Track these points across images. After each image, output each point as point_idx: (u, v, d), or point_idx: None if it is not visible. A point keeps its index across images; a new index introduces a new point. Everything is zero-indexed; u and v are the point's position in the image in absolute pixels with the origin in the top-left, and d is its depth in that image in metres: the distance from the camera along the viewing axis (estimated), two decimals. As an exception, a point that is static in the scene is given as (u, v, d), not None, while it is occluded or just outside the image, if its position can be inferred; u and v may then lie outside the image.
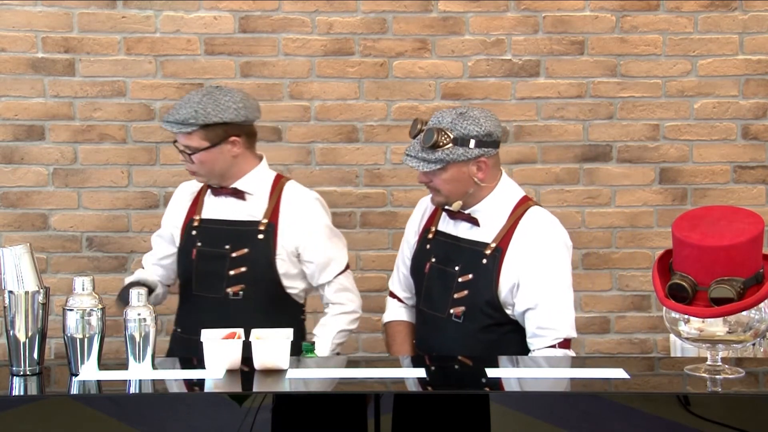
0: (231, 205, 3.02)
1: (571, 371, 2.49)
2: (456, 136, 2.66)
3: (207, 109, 2.89)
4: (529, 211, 2.76)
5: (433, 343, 2.81)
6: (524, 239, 2.71)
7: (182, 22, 3.88)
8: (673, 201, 4.00)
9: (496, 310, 2.71)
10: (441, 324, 2.77)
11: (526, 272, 2.68)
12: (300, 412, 2.17)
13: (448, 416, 2.16)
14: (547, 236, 2.73)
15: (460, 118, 2.68)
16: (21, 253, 2.27)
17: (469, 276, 2.73)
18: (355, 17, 3.91)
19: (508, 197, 2.79)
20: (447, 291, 2.76)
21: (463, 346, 2.72)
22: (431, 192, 2.80)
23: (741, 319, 2.22)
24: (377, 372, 2.38)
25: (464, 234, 2.79)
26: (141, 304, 2.26)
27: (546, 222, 2.76)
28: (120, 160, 3.91)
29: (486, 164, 2.72)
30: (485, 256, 2.72)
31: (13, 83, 3.85)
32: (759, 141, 3.99)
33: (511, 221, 2.74)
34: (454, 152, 2.67)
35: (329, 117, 3.94)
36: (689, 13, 3.94)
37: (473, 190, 2.74)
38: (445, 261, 2.79)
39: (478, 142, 2.67)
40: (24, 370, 2.26)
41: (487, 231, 2.75)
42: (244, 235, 2.98)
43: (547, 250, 2.71)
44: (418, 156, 2.70)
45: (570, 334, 2.70)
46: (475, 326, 2.72)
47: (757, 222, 2.23)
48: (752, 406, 2.17)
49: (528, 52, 3.94)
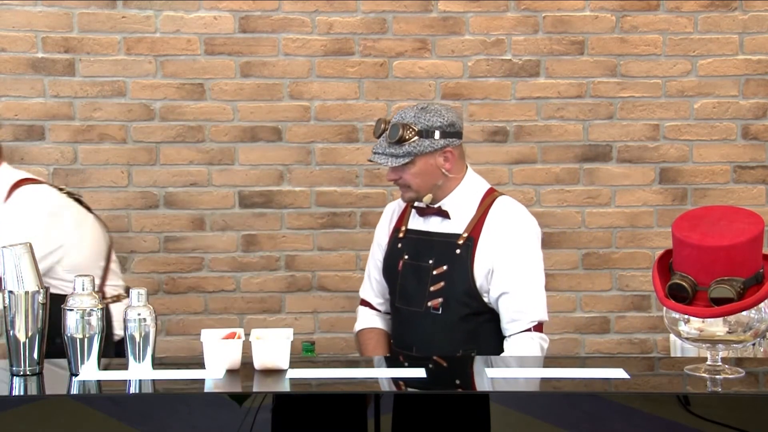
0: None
1: (571, 371, 2.49)
2: (421, 128, 2.73)
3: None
4: (498, 200, 2.82)
5: (411, 338, 2.83)
6: (495, 227, 2.77)
7: (182, 22, 3.88)
8: (673, 201, 4.00)
9: (473, 298, 2.75)
10: (419, 318, 2.80)
11: (499, 258, 2.73)
12: (300, 412, 2.17)
13: (448, 416, 2.16)
14: (517, 223, 2.80)
15: (422, 112, 2.75)
16: (21, 253, 2.26)
17: (444, 267, 2.77)
18: (355, 17, 3.91)
19: (475, 189, 2.85)
20: (422, 285, 2.79)
21: (441, 338, 2.76)
22: (401, 189, 2.85)
23: (741, 319, 2.22)
24: (377, 372, 2.38)
25: (435, 228, 2.84)
26: (141, 304, 2.26)
27: (515, 209, 2.83)
28: (120, 160, 3.91)
29: (452, 154, 2.78)
30: (458, 246, 2.77)
31: (13, 83, 3.85)
32: (759, 141, 3.99)
33: (480, 211, 2.80)
34: (420, 144, 2.73)
35: (329, 117, 3.94)
36: (689, 13, 3.94)
37: (442, 182, 2.80)
38: (418, 256, 2.83)
39: (442, 132, 2.75)
40: (24, 370, 2.26)
41: (457, 222, 2.80)
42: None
43: (518, 236, 2.77)
44: (386, 152, 2.75)
45: (543, 317, 2.76)
46: (453, 317, 2.76)
47: (757, 222, 2.23)
48: (752, 406, 2.17)
49: (528, 52, 3.95)
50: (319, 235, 3.98)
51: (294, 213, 3.96)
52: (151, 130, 3.90)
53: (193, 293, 3.98)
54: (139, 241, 3.92)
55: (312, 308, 4.01)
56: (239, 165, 3.94)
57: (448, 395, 2.25)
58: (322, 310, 4.01)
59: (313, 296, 4.00)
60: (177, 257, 3.96)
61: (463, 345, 2.75)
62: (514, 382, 2.38)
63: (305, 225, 3.97)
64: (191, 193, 3.94)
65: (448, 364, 2.58)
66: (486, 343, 2.75)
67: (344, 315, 3.99)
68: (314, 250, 3.98)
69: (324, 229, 3.98)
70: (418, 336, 2.81)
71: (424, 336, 2.79)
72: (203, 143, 3.93)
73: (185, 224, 3.95)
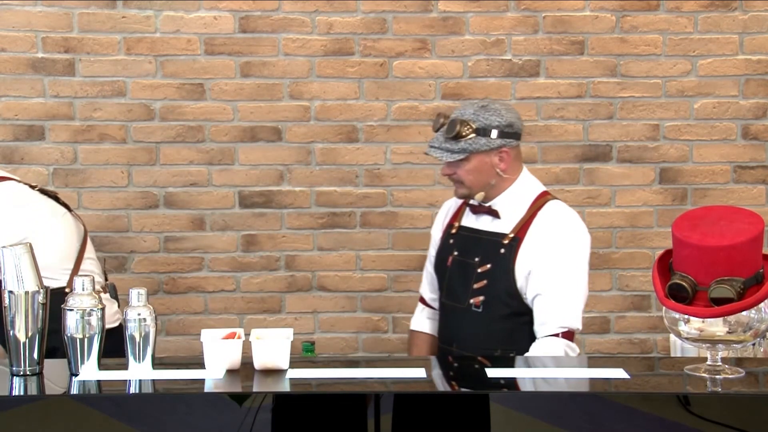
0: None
1: (571, 371, 2.49)
2: (478, 126, 2.74)
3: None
4: (549, 204, 2.83)
5: (453, 335, 2.87)
6: (541, 229, 2.77)
7: (182, 22, 3.88)
8: (673, 201, 4.00)
9: (513, 298, 2.76)
10: (461, 314, 2.82)
11: (539, 260, 2.73)
12: (300, 412, 2.17)
13: (448, 416, 2.16)
14: (564, 227, 2.79)
15: (482, 110, 2.77)
16: (21, 253, 2.26)
17: (488, 266, 2.78)
18: (355, 17, 3.91)
19: (528, 190, 2.85)
20: (467, 282, 2.81)
21: (482, 336, 2.78)
22: (455, 184, 2.86)
23: (741, 319, 2.22)
24: (377, 372, 2.38)
25: (485, 226, 2.85)
26: (141, 304, 2.26)
27: (565, 214, 2.83)
28: (120, 160, 3.91)
29: (508, 155, 2.79)
30: (503, 245, 2.78)
31: (13, 83, 3.85)
32: (759, 141, 3.99)
33: (530, 213, 2.80)
34: (476, 142, 2.74)
35: (329, 117, 3.94)
36: (689, 13, 3.94)
37: (495, 181, 2.80)
38: (466, 253, 2.85)
39: (500, 132, 2.75)
40: (24, 370, 2.26)
41: (506, 222, 2.81)
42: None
43: (562, 241, 2.77)
44: (442, 147, 2.77)
45: (574, 325, 2.73)
46: (494, 315, 2.77)
47: (757, 222, 2.23)
48: (752, 406, 2.17)
49: (528, 52, 3.95)
50: (319, 235, 3.98)
51: (294, 213, 3.96)
52: (151, 130, 3.90)
53: (193, 293, 3.98)
54: (139, 241, 3.92)
55: (312, 308, 4.01)
56: (239, 165, 3.94)
57: (448, 395, 2.25)
58: (322, 310, 4.01)
59: (313, 296, 4.00)
60: (177, 257, 3.96)
61: (501, 344, 2.76)
62: (514, 382, 2.38)
63: (305, 225, 3.97)
64: (191, 193, 3.94)
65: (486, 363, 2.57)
66: (525, 345, 2.74)
67: (344, 315, 3.99)
68: (314, 250, 3.98)
69: (324, 229, 3.98)
70: (460, 332, 2.84)
71: (464, 333, 2.82)
72: (203, 143, 3.93)
73: (185, 224, 3.95)
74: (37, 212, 3.02)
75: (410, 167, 3.97)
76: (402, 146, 3.96)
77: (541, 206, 2.81)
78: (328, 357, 3.70)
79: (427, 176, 3.97)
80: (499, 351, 2.75)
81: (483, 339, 2.77)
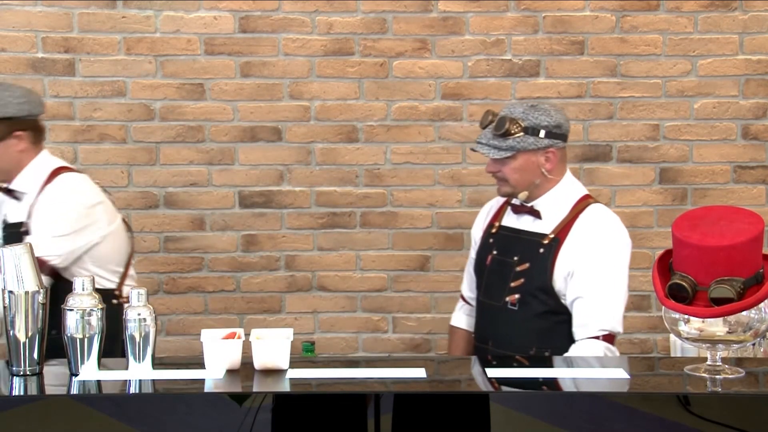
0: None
1: (571, 371, 2.49)
2: (527, 125, 2.75)
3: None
4: (591, 207, 2.84)
5: (489, 332, 2.87)
6: (583, 231, 2.77)
7: (182, 22, 3.88)
8: (673, 201, 4.00)
9: (550, 297, 2.76)
10: (497, 312, 2.83)
11: (580, 262, 2.73)
12: (300, 412, 2.17)
13: (448, 416, 2.16)
14: (607, 231, 2.80)
15: (531, 110, 2.78)
16: (21, 253, 2.26)
17: (526, 265, 2.79)
18: (355, 17, 3.91)
19: (570, 192, 2.86)
20: (504, 280, 2.82)
21: (517, 334, 2.78)
22: (498, 182, 2.86)
23: (741, 319, 2.22)
24: (377, 372, 2.37)
25: (526, 226, 2.86)
26: (141, 304, 2.26)
27: (607, 218, 2.84)
28: (120, 160, 3.91)
29: (554, 155, 2.80)
30: (542, 245, 2.78)
31: (13, 83, 3.84)
32: (759, 141, 3.99)
33: (571, 215, 2.81)
34: (524, 141, 2.75)
35: (329, 117, 3.94)
36: (689, 13, 3.94)
37: (539, 181, 2.81)
38: (505, 252, 2.86)
39: (548, 132, 2.76)
40: (24, 370, 2.26)
41: (547, 223, 2.82)
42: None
43: (604, 244, 2.77)
44: (490, 143, 2.78)
45: (615, 329, 2.74)
46: (529, 313, 2.77)
47: (757, 222, 2.23)
48: (752, 406, 2.17)
49: (528, 52, 3.95)
50: (319, 235, 3.98)
51: (294, 213, 3.96)
52: (151, 130, 3.90)
53: (193, 293, 3.98)
54: (139, 241, 3.92)
55: (312, 308, 4.01)
56: (239, 165, 3.94)
57: (448, 395, 2.25)
58: (322, 310, 4.01)
59: (313, 296, 4.00)
60: (177, 257, 3.96)
61: (536, 343, 2.76)
62: (514, 382, 2.38)
63: (305, 225, 3.97)
64: (191, 193, 3.94)
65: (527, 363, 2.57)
66: (560, 344, 2.74)
67: (344, 315, 4.00)
68: (314, 250, 3.98)
69: (324, 229, 3.98)
70: (496, 330, 2.84)
71: (500, 331, 2.82)
72: (203, 143, 3.93)
73: (185, 224, 3.95)
74: (110, 210, 3.07)
75: (410, 167, 3.97)
76: (402, 146, 3.96)
77: (583, 209, 2.82)
78: (328, 357, 3.70)
79: (427, 176, 3.97)
80: (533, 349, 2.76)
81: (518, 337, 2.78)
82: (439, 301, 4.00)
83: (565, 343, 2.75)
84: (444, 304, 4.00)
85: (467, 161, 3.97)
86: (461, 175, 3.97)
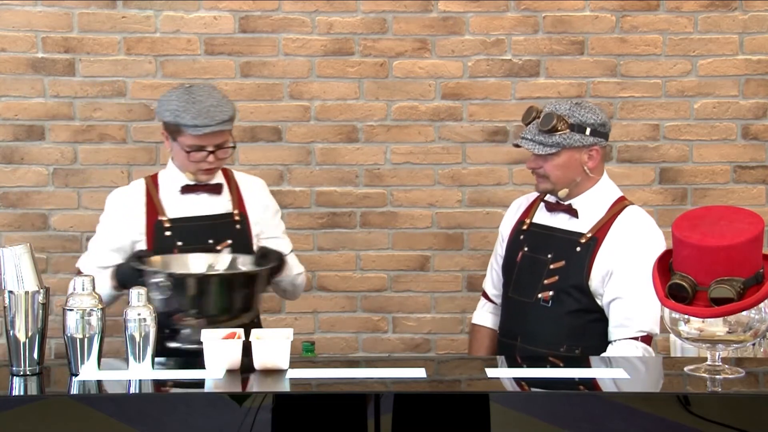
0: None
1: (571, 371, 2.49)
2: (573, 122, 2.74)
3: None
4: (629, 208, 2.83)
5: (518, 329, 2.85)
6: (622, 232, 2.77)
7: (182, 22, 3.88)
8: (673, 201, 4.00)
9: (584, 295, 2.75)
10: (528, 309, 2.81)
11: (619, 262, 2.73)
12: (300, 412, 2.17)
13: (448, 416, 2.16)
14: (645, 232, 2.80)
15: (576, 107, 2.77)
16: (21, 253, 2.27)
17: (561, 263, 2.78)
18: (355, 17, 3.91)
19: (607, 193, 2.86)
20: (537, 277, 2.81)
21: (547, 331, 2.77)
22: (538, 179, 2.84)
23: (741, 319, 2.22)
24: (377, 372, 2.38)
25: (560, 224, 2.84)
26: (141, 304, 2.26)
27: (645, 219, 2.84)
28: (120, 160, 3.91)
29: (598, 153, 2.80)
30: (579, 244, 2.78)
31: (13, 83, 3.85)
32: (759, 141, 3.99)
33: (609, 215, 2.81)
34: (570, 137, 2.74)
35: (329, 117, 3.94)
36: (689, 13, 3.94)
37: (580, 179, 2.81)
38: (538, 249, 2.84)
39: (593, 130, 2.76)
40: (24, 370, 2.26)
41: (584, 222, 2.81)
42: None
43: (643, 245, 2.76)
44: (535, 139, 2.76)
45: (653, 330, 2.74)
46: (562, 310, 2.76)
47: (757, 222, 2.23)
48: (752, 406, 2.17)
49: (528, 52, 3.94)
50: (319, 235, 3.98)
51: (294, 213, 3.96)
52: (151, 130, 3.90)
53: (193, 293, 3.97)
54: (139, 241, 3.92)
55: (312, 308, 4.01)
56: (239, 165, 3.93)
57: (448, 395, 2.25)
58: (322, 310, 4.01)
59: (313, 296, 4.00)
60: (177, 257, 3.95)
61: (567, 340, 2.76)
62: (514, 382, 2.38)
63: (305, 225, 3.97)
64: (191, 193, 3.94)
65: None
66: (591, 342, 2.74)
67: (344, 315, 3.99)
68: (314, 250, 3.98)
69: (324, 229, 3.98)
70: (525, 327, 2.82)
71: (530, 327, 2.81)
72: (203, 143, 3.92)
73: (185, 224, 3.95)
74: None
75: (410, 167, 3.97)
76: (402, 146, 3.96)
77: (620, 210, 2.81)
78: (328, 357, 3.70)
79: (427, 176, 3.97)
80: (564, 347, 2.75)
81: (549, 334, 2.76)
82: (439, 301, 4.00)
83: (596, 341, 2.75)
84: (444, 304, 4.00)
85: (467, 161, 3.97)
86: (461, 175, 3.97)
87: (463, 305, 3.92)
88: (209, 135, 2.93)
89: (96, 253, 3.05)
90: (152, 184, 3.09)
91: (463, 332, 3.89)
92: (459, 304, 3.97)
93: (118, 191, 3.14)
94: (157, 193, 3.07)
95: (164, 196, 3.06)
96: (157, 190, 3.07)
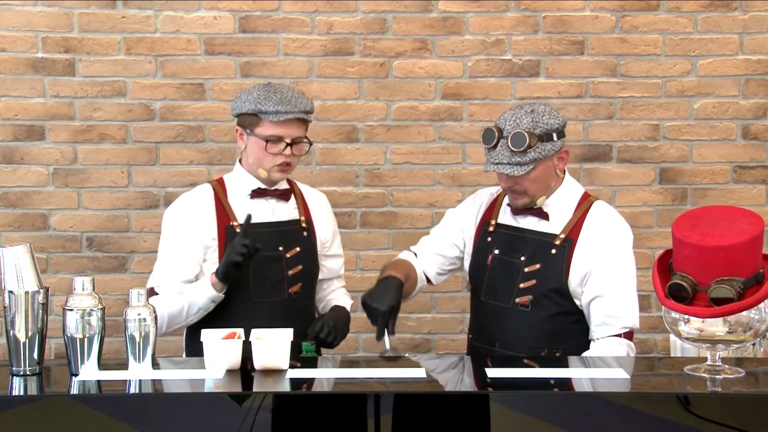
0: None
1: (571, 371, 2.49)
2: (541, 132, 2.69)
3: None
4: (596, 205, 2.83)
5: (495, 333, 2.83)
6: (594, 231, 2.77)
7: (182, 22, 3.88)
8: (673, 201, 4.00)
9: (563, 297, 2.75)
10: (505, 313, 2.79)
11: (597, 262, 2.72)
12: (300, 412, 2.17)
13: (448, 416, 2.16)
14: (616, 228, 2.81)
15: (535, 115, 2.70)
16: (21, 253, 2.27)
17: (537, 266, 2.76)
18: (355, 17, 3.91)
19: (573, 191, 2.85)
20: (512, 281, 2.79)
21: (527, 335, 2.76)
22: (513, 195, 2.78)
23: (741, 319, 2.22)
24: (377, 372, 2.38)
25: (530, 226, 2.82)
26: (141, 304, 2.26)
27: (613, 215, 2.85)
28: (120, 160, 3.91)
29: (567, 153, 2.81)
30: (554, 246, 2.76)
31: (13, 83, 3.85)
32: (759, 141, 3.99)
33: (578, 214, 2.80)
34: (543, 149, 2.69)
35: (329, 117, 3.94)
36: (689, 13, 3.94)
37: (554, 183, 2.80)
38: (509, 252, 2.82)
39: (558, 133, 2.74)
40: (24, 370, 2.26)
41: (554, 223, 2.80)
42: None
43: (616, 242, 2.78)
44: (512, 162, 2.67)
45: (635, 325, 2.75)
46: (542, 314, 2.75)
47: (757, 222, 2.23)
48: (752, 406, 2.17)
49: (528, 52, 3.95)
50: (319, 235, 3.97)
51: (294, 213, 3.95)
52: (151, 130, 3.90)
53: (193, 293, 3.97)
54: (139, 241, 3.92)
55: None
56: (239, 165, 3.93)
57: (448, 395, 2.25)
58: (322, 310, 4.00)
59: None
60: (177, 257, 3.95)
61: (548, 344, 2.75)
62: (514, 382, 2.38)
63: (305, 225, 3.97)
64: (191, 193, 3.94)
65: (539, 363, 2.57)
66: (571, 344, 2.74)
67: (344, 315, 3.99)
68: (314, 250, 3.98)
69: (324, 229, 3.97)
70: (504, 332, 2.80)
71: (509, 332, 2.79)
72: (203, 143, 3.93)
73: (185, 224, 3.95)
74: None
75: (410, 167, 3.97)
76: (402, 146, 3.96)
77: (588, 207, 2.81)
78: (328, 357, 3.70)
79: (427, 176, 3.97)
80: (545, 350, 2.74)
81: (529, 338, 2.75)
82: (439, 301, 4.00)
83: (577, 342, 2.75)
84: (444, 304, 4.00)
85: (467, 161, 3.97)
86: (461, 175, 3.97)
87: (463, 305, 3.92)
88: (289, 124, 2.88)
89: (174, 267, 2.86)
90: (220, 189, 2.97)
91: (463, 332, 3.89)
92: (459, 304, 3.97)
93: (184, 197, 2.98)
94: (225, 197, 2.95)
95: (233, 200, 2.95)
96: (225, 194, 2.96)
